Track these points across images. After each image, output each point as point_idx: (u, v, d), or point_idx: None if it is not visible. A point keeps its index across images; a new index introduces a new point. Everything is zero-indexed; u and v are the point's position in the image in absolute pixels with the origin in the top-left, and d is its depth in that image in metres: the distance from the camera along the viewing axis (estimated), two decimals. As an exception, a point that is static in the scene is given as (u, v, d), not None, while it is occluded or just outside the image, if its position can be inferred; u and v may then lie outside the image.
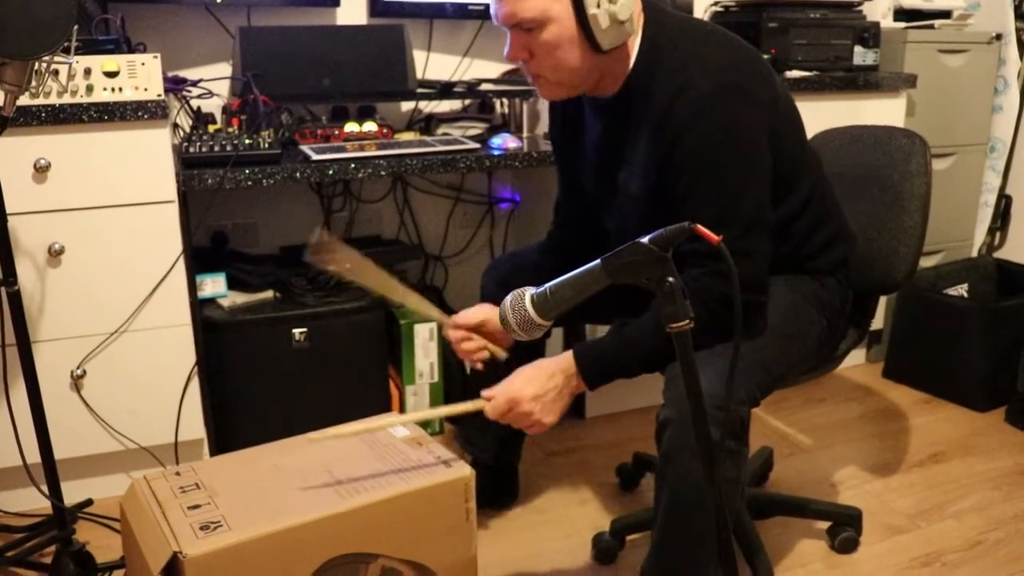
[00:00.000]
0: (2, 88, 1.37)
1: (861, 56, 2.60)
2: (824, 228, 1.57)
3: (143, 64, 1.82)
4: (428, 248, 2.68)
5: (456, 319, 1.68)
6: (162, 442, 2.01)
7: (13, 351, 1.64)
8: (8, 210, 1.50)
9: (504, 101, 2.53)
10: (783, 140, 1.45)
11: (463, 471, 1.42)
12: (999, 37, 2.80)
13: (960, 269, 2.77)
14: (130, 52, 1.90)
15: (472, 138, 2.27)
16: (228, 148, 1.91)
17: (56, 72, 1.75)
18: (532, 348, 1.69)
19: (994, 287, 2.83)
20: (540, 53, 1.39)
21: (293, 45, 2.21)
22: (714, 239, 0.99)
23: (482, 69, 2.60)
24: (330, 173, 1.95)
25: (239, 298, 2.15)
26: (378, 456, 1.46)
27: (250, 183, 1.90)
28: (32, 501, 1.95)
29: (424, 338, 2.30)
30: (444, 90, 2.34)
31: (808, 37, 2.52)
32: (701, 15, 2.70)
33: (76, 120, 1.77)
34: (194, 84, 2.22)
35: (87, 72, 1.78)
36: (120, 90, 1.81)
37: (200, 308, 2.04)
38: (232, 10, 2.31)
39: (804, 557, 1.82)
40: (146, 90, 1.83)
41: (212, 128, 2.10)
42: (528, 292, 1.17)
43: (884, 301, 2.73)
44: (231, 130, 2.06)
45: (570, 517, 1.98)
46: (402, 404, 2.34)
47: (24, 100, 1.72)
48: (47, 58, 1.38)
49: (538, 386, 1.42)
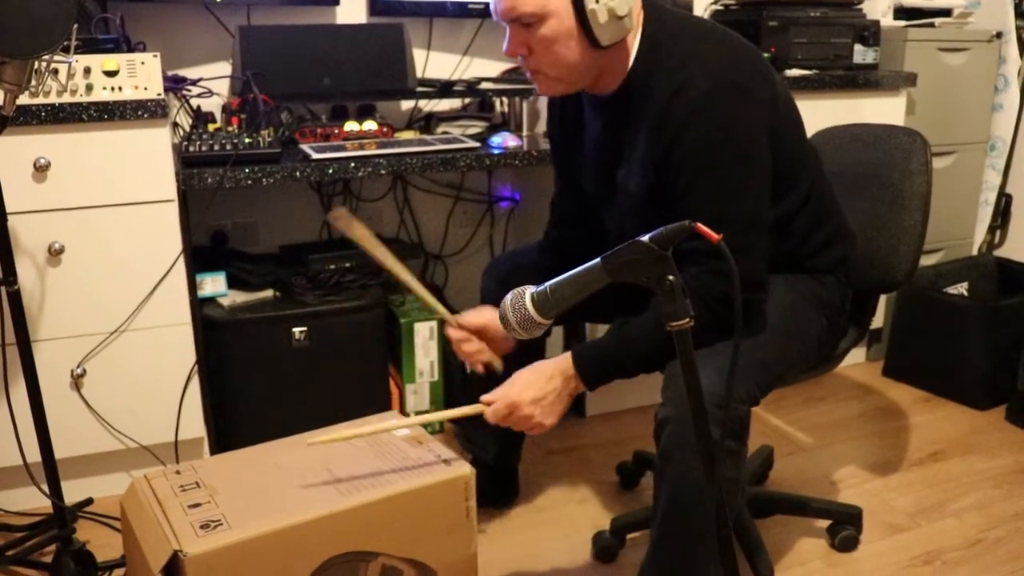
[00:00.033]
0: (2, 87, 1.37)
1: (861, 54, 2.60)
2: (824, 226, 1.57)
3: (143, 63, 1.82)
4: (428, 247, 2.67)
5: (459, 320, 1.68)
6: (162, 441, 2.01)
7: (13, 350, 1.64)
8: (8, 209, 1.50)
9: (504, 100, 2.53)
10: (783, 139, 1.45)
11: (463, 470, 1.42)
12: (999, 35, 2.80)
13: (960, 268, 2.77)
14: (130, 51, 1.90)
15: (472, 137, 2.27)
16: (228, 147, 1.91)
17: (56, 71, 1.75)
18: (532, 348, 1.69)
19: (994, 286, 2.83)
20: (539, 48, 1.39)
21: (293, 44, 2.21)
22: (714, 237, 0.99)
23: (482, 68, 2.60)
24: (330, 172, 1.95)
25: (239, 297, 2.15)
26: (378, 455, 1.46)
27: (250, 182, 1.90)
28: (32, 500, 1.95)
29: (424, 337, 2.30)
30: (444, 89, 2.34)
31: (808, 35, 2.52)
32: (701, 13, 2.70)
33: (76, 119, 1.77)
34: (194, 83, 2.22)
35: (87, 71, 1.78)
36: (120, 89, 1.81)
37: (200, 307, 2.04)
38: (232, 9, 2.31)
39: (804, 556, 1.82)
40: (146, 89, 1.83)
41: (212, 127, 2.09)
42: (528, 291, 1.17)
43: (884, 299, 2.73)
44: (231, 129, 2.05)
45: (570, 516, 1.98)
46: (402, 403, 2.34)
47: (24, 99, 1.72)
48: (47, 57, 1.37)
49: (537, 389, 1.42)
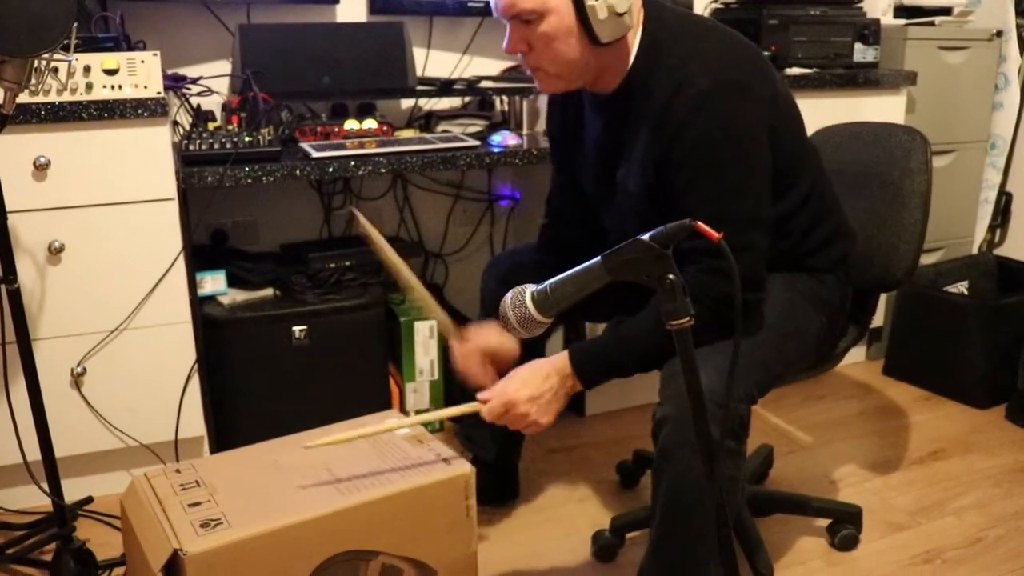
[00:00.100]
0: (2, 86, 1.36)
1: (861, 53, 2.60)
2: (823, 225, 1.57)
3: (143, 62, 1.82)
4: (428, 245, 2.67)
5: (472, 338, 1.63)
6: (162, 440, 2.01)
7: (13, 349, 1.64)
8: (8, 208, 1.50)
9: (504, 98, 2.53)
10: (783, 137, 1.45)
11: (463, 468, 1.42)
12: (999, 34, 2.80)
13: (960, 266, 2.77)
14: (130, 50, 1.90)
15: (472, 135, 2.27)
16: (228, 146, 1.91)
17: (56, 70, 1.75)
18: (533, 348, 1.69)
19: (994, 284, 2.83)
20: (539, 45, 1.39)
21: (293, 42, 2.20)
22: (715, 236, 0.98)
23: (482, 66, 2.59)
24: (330, 171, 1.95)
25: (239, 296, 2.15)
26: (378, 453, 1.46)
27: (250, 181, 1.90)
28: (32, 499, 1.95)
29: (424, 335, 2.30)
30: (444, 87, 2.33)
31: (808, 34, 2.52)
32: (701, 11, 2.70)
33: (76, 118, 1.77)
34: (194, 82, 2.21)
35: (87, 70, 1.78)
36: (120, 88, 1.81)
37: (200, 306, 2.04)
38: (232, 8, 2.31)
39: (804, 554, 1.82)
40: (146, 88, 1.83)
41: (212, 126, 2.09)
42: (528, 289, 1.17)
43: (884, 298, 2.72)
44: (231, 128, 2.05)
45: (570, 515, 1.98)
46: (402, 402, 2.34)
47: (24, 98, 1.72)
48: (47, 56, 1.37)
49: (533, 387, 1.42)
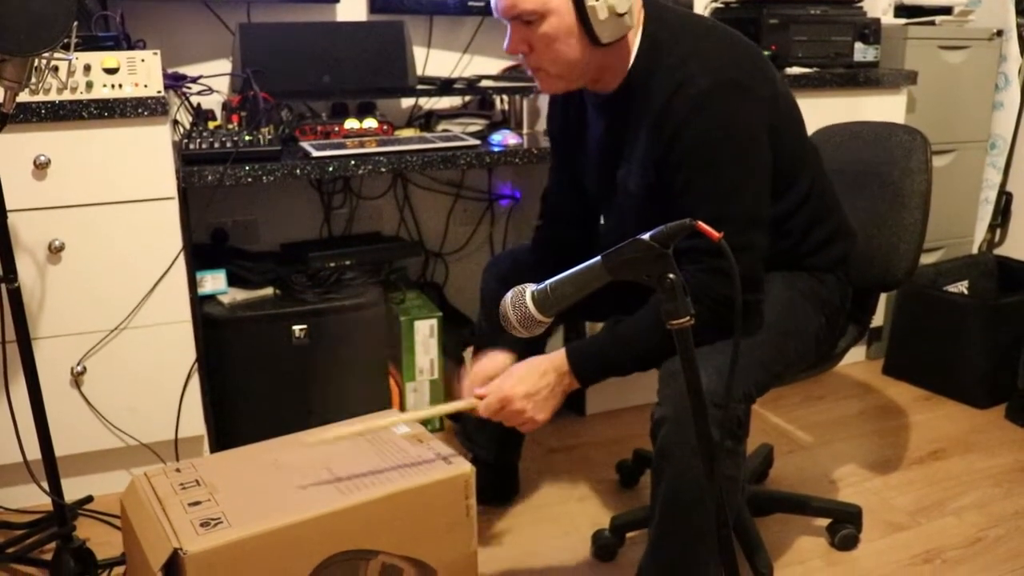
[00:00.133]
0: (2, 84, 1.36)
1: (861, 52, 2.60)
2: (823, 225, 1.57)
3: (143, 61, 1.82)
4: (428, 245, 2.67)
5: (477, 377, 1.59)
6: (162, 439, 2.01)
7: (13, 348, 1.64)
8: (8, 207, 1.50)
9: (504, 98, 2.53)
10: (783, 137, 1.45)
11: (463, 468, 1.42)
12: (1000, 33, 2.80)
13: (960, 266, 2.77)
14: (130, 49, 1.90)
15: (472, 135, 2.27)
16: (228, 145, 1.91)
17: (56, 69, 1.75)
18: (532, 346, 1.69)
19: (994, 284, 2.83)
20: (539, 46, 1.39)
21: (293, 42, 2.20)
22: (715, 235, 0.98)
23: (482, 65, 2.59)
24: (330, 170, 1.95)
25: (239, 295, 2.15)
26: (378, 453, 1.46)
27: (250, 180, 1.90)
28: (32, 498, 1.95)
29: (424, 335, 2.30)
30: (444, 87, 2.33)
31: (808, 33, 2.52)
32: (702, 11, 2.70)
33: (76, 117, 1.77)
34: (194, 81, 2.21)
35: (87, 69, 1.78)
36: (120, 87, 1.81)
37: (200, 305, 2.04)
38: (232, 7, 2.31)
39: (804, 554, 1.82)
40: (146, 87, 1.83)
41: (212, 125, 2.09)
42: (529, 289, 1.17)
43: (884, 298, 2.72)
44: (231, 127, 2.05)
45: (570, 514, 1.98)
46: (402, 401, 2.34)
47: (24, 97, 1.71)
48: (47, 54, 1.37)
49: (530, 384, 1.42)
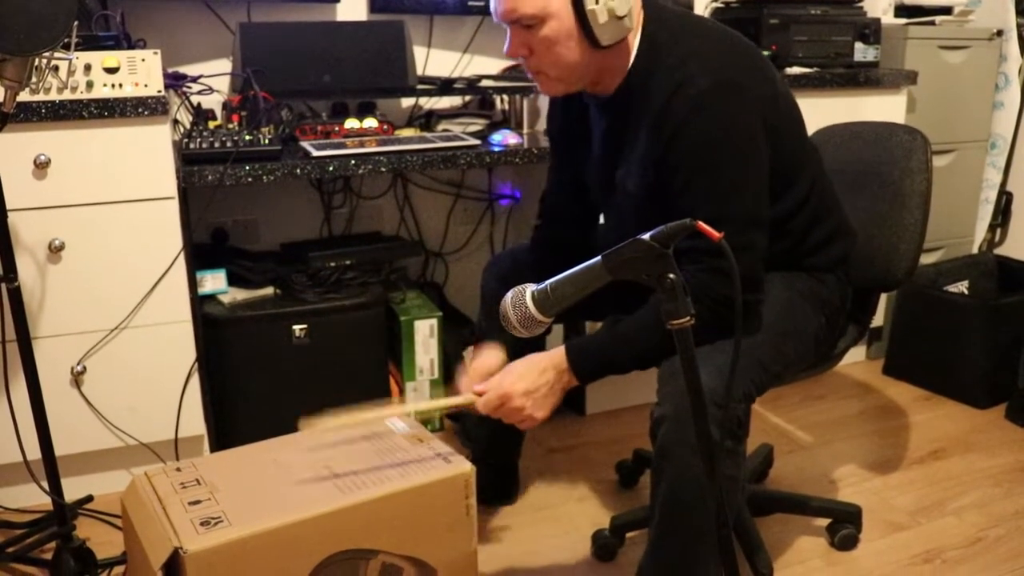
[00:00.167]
0: (2, 84, 1.36)
1: (862, 52, 2.60)
2: (823, 225, 1.57)
3: (143, 60, 1.82)
4: (428, 244, 2.67)
5: (474, 376, 1.59)
6: (162, 438, 2.01)
7: (13, 347, 1.64)
8: (8, 206, 1.50)
9: (504, 97, 2.53)
10: (782, 137, 1.45)
11: (463, 467, 1.42)
12: (1000, 33, 2.80)
13: (960, 266, 2.77)
14: (130, 48, 1.90)
15: (472, 134, 2.27)
16: (228, 144, 1.91)
17: (56, 68, 1.75)
18: (531, 343, 1.68)
19: (994, 284, 2.83)
20: (540, 49, 1.39)
21: (293, 41, 2.20)
22: (715, 235, 0.98)
23: (482, 65, 2.59)
24: (330, 169, 1.95)
25: (239, 294, 2.15)
26: (378, 452, 1.46)
27: (250, 179, 1.90)
28: (33, 497, 1.95)
29: (424, 334, 2.30)
30: (444, 86, 2.33)
31: (809, 33, 2.52)
32: (702, 11, 2.70)
33: (76, 116, 1.77)
34: (194, 80, 2.21)
35: (87, 68, 1.78)
36: (120, 86, 1.81)
37: (200, 304, 2.04)
38: (232, 6, 2.31)
39: (804, 554, 1.82)
40: (146, 86, 1.83)
41: (212, 124, 2.09)
42: (529, 289, 1.17)
43: (884, 298, 2.72)
44: (231, 126, 2.05)
45: (570, 514, 1.98)
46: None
47: (24, 96, 1.72)
48: (47, 54, 1.37)
49: (529, 382, 1.42)
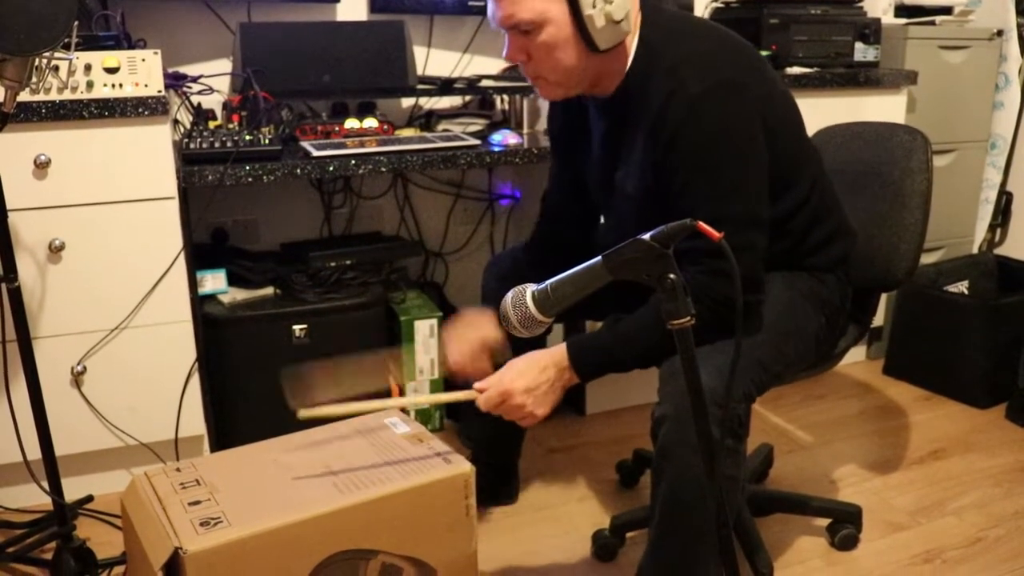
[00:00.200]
0: (2, 84, 1.36)
1: (862, 52, 2.60)
2: (823, 225, 1.57)
3: (143, 60, 1.82)
4: (428, 244, 2.67)
5: (463, 331, 1.65)
6: (162, 438, 2.01)
7: (14, 347, 1.64)
8: (8, 206, 1.50)
9: (504, 97, 2.53)
10: (781, 137, 1.45)
11: (463, 467, 1.42)
12: (1000, 33, 2.80)
13: (961, 266, 2.77)
14: (130, 48, 1.90)
15: (472, 134, 2.27)
16: (228, 144, 1.91)
17: (56, 68, 1.75)
18: (533, 343, 1.69)
19: (994, 284, 2.83)
20: (538, 54, 1.40)
21: (293, 41, 2.20)
22: (716, 236, 0.98)
23: (482, 65, 2.59)
24: (330, 169, 1.95)
25: (239, 294, 2.15)
26: (378, 452, 1.46)
27: (250, 179, 1.90)
28: (33, 497, 1.95)
29: (424, 334, 2.30)
30: (444, 86, 2.33)
31: (809, 33, 2.52)
32: (702, 11, 2.70)
33: (76, 116, 1.77)
34: (194, 80, 2.21)
35: (87, 68, 1.78)
36: (120, 86, 1.81)
37: (200, 304, 2.04)
38: (232, 6, 2.31)
39: (804, 554, 1.82)
40: (146, 86, 1.83)
41: (212, 124, 2.09)
42: (529, 289, 1.17)
43: (884, 298, 2.72)
44: (231, 126, 2.05)
45: (570, 514, 1.98)
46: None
47: (24, 96, 1.71)
48: (47, 54, 1.37)
49: (530, 379, 1.42)
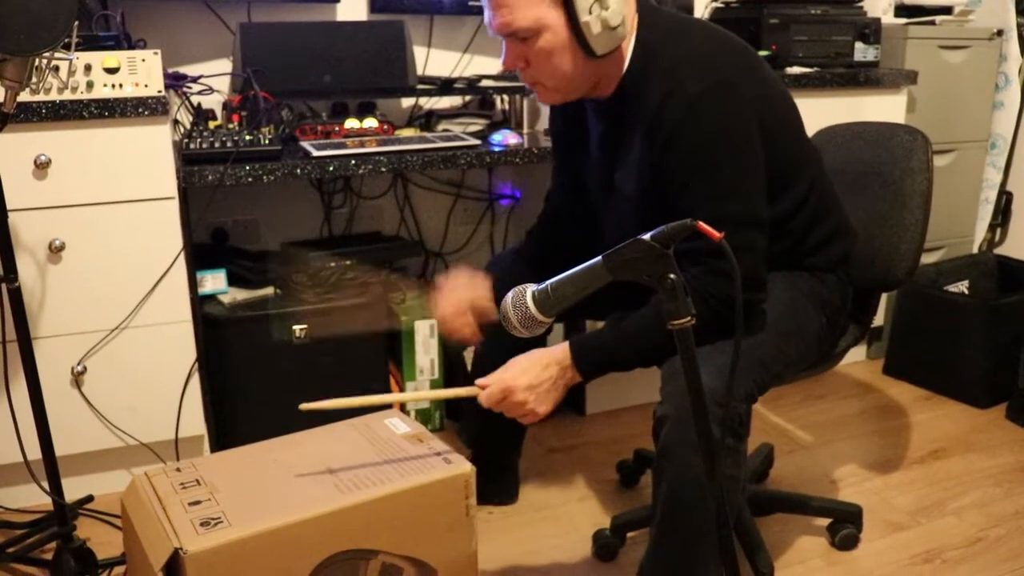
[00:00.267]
0: (3, 84, 1.36)
1: (862, 52, 2.59)
2: (823, 224, 1.57)
3: (143, 60, 1.82)
4: (428, 244, 2.67)
5: (451, 289, 1.71)
6: (163, 438, 2.01)
7: (14, 347, 1.64)
8: (9, 206, 1.50)
9: (504, 97, 2.53)
10: (778, 138, 1.45)
11: (463, 467, 1.42)
12: (1000, 33, 2.79)
13: (961, 266, 2.77)
14: (130, 48, 1.90)
15: (472, 134, 2.27)
16: (228, 144, 1.91)
17: (56, 68, 1.75)
18: (534, 343, 1.69)
19: (995, 284, 2.83)
20: (536, 61, 1.40)
21: (293, 41, 2.20)
22: (716, 235, 0.98)
23: (482, 65, 2.59)
24: (330, 169, 1.95)
25: (239, 294, 2.15)
26: (378, 452, 1.46)
27: (250, 179, 1.90)
28: (33, 497, 1.95)
29: (425, 335, 2.30)
30: (444, 86, 2.33)
31: (809, 33, 2.52)
32: (702, 12, 2.70)
33: (76, 116, 1.77)
34: (194, 80, 2.21)
35: (87, 68, 1.78)
36: (120, 86, 1.81)
37: (200, 304, 2.04)
38: (232, 6, 2.31)
39: (804, 554, 1.82)
40: (146, 86, 1.83)
41: (212, 124, 2.09)
42: (529, 289, 1.17)
43: (884, 298, 2.72)
44: (231, 126, 2.05)
45: (570, 514, 1.98)
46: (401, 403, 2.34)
47: (24, 96, 1.71)
48: (47, 54, 1.37)
49: (532, 376, 1.42)
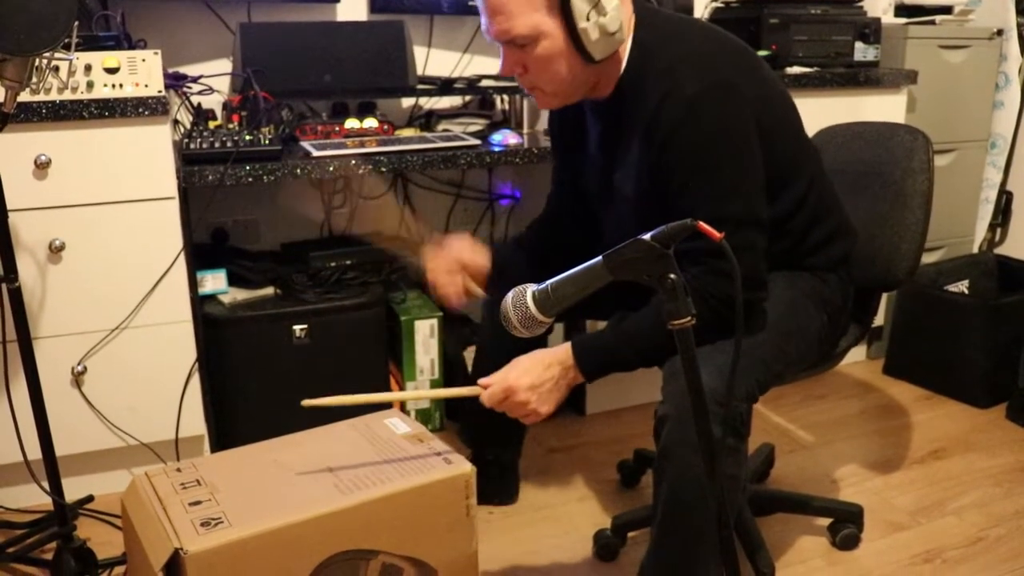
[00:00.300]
0: (3, 84, 1.36)
1: (862, 52, 2.59)
2: (823, 224, 1.57)
3: (144, 60, 1.82)
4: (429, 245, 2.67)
5: (444, 249, 1.72)
6: (163, 438, 2.01)
7: (14, 347, 1.64)
8: (9, 206, 1.50)
9: (504, 97, 2.53)
10: (777, 138, 1.45)
11: (464, 467, 1.42)
12: (1000, 33, 2.79)
13: (961, 265, 2.77)
14: (131, 48, 1.90)
15: (472, 134, 2.27)
16: (229, 144, 1.91)
17: (56, 68, 1.75)
18: (534, 342, 1.69)
19: (995, 283, 2.83)
20: (534, 67, 1.40)
21: (293, 41, 2.20)
22: (716, 235, 0.98)
23: (482, 65, 2.59)
24: (331, 170, 1.95)
25: (240, 294, 2.15)
26: (379, 452, 1.46)
27: (251, 179, 1.90)
28: (33, 497, 1.95)
29: (425, 334, 2.30)
30: (444, 86, 2.33)
31: (809, 33, 2.52)
32: (701, 12, 2.69)
33: (77, 116, 1.77)
34: (194, 80, 2.21)
35: (88, 68, 1.78)
36: (121, 86, 1.81)
37: (201, 304, 2.04)
38: (232, 6, 2.31)
39: (805, 554, 1.82)
40: (147, 86, 1.83)
41: (212, 124, 2.09)
42: (529, 289, 1.17)
43: (885, 297, 2.72)
44: (231, 126, 2.05)
45: (571, 514, 1.98)
46: (402, 401, 2.34)
47: (25, 96, 1.71)
48: (48, 54, 1.37)
49: (535, 376, 1.42)
